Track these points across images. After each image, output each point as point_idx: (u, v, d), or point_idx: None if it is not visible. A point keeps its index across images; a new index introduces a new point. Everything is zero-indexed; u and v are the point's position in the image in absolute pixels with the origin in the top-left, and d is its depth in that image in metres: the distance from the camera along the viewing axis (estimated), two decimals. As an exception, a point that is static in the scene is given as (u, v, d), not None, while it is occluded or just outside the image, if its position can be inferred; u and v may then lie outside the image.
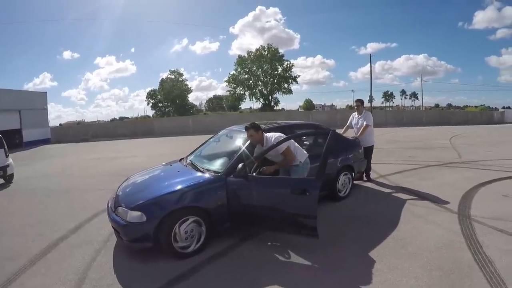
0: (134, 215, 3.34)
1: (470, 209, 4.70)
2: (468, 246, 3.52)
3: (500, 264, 3.10)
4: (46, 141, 23.71)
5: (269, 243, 3.82)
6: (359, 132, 6.33)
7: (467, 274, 2.97)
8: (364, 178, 6.64)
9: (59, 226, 4.61)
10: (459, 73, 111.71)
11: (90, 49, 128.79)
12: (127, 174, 5.38)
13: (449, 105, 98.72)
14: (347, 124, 6.80)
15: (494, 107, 62.29)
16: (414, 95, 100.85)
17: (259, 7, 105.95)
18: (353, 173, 5.70)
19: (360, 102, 6.71)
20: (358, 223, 4.35)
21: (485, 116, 37.40)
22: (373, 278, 2.98)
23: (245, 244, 3.81)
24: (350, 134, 6.50)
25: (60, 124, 58.18)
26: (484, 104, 74.31)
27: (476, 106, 69.53)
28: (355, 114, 6.65)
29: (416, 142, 13.72)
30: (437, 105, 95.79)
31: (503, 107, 59.75)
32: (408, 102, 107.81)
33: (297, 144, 4.26)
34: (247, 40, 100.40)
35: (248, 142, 4.16)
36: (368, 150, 6.43)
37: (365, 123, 6.31)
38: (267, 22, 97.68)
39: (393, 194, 5.71)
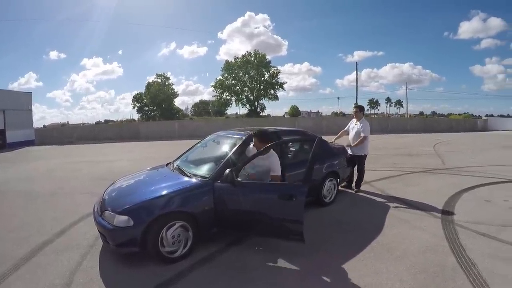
0: (121, 219, 3.30)
1: (454, 214, 4.83)
2: (451, 249, 3.61)
3: (483, 266, 3.20)
4: (30, 143, 23.10)
5: (256, 248, 3.83)
6: (355, 143, 6.14)
7: (451, 276, 3.04)
8: (353, 187, 6.40)
9: (44, 230, 4.52)
10: (443, 82, 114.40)
11: (77, 50, 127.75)
12: (112, 178, 5.33)
13: (434, 113, 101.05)
14: (344, 129, 6.54)
15: (477, 115, 63.57)
16: (399, 103, 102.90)
17: (248, 12, 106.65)
18: (338, 179, 5.74)
19: (359, 108, 6.40)
20: (343, 228, 4.41)
21: (469, 123, 38.09)
22: (359, 282, 3.02)
23: (232, 249, 3.81)
24: (345, 139, 6.53)
25: (44, 126, 57.12)
26: (467, 112, 75.51)
27: (460, 114, 70.73)
28: (354, 119, 6.37)
29: (401, 149, 13.96)
30: (421, 113, 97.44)
31: (487, 115, 61.07)
32: (393, 110, 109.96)
33: (276, 158, 4.16)
34: (235, 46, 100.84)
35: (236, 147, 4.21)
36: (362, 159, 6.23)
37: (362, 134, 6.05)
38: (255, 28, 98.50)
39: (378, 200, 5.79)
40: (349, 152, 6.26)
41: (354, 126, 6.31)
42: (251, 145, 4.30)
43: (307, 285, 3.03)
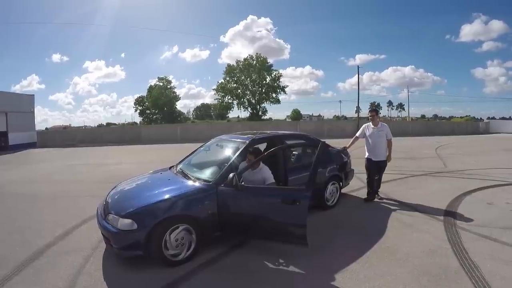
0: (125, 223, 3.32)
1: (456, 217, 4.82)
2: (454, 252, 3.62)
3: (485, 269, 3.21)
4: (32, 145, 23.19)
5: (259, 251, 3.83)
6: (389, 155, 5.86)
7: (454, 279, 3.05)
8: (377, 198, 6.03)
9: (46, 232, 4.53)
10: (445, 85, 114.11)
11: (79, 53, 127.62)
12: (115, 181, 5.34)
13: (435, 116, 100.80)
14: (357, 134, 6.13)
15: (479, 118, 63.29)
16: (400, 106, 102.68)
17: (250, 16, 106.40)
18: (341, 183, 5.74)
19: (374, 112, 6.02)
20: (346, 231, 4.41)
21: (471, 126, 38.11)
22: (362, 284, 3.02)
23: (235, 252, 3.82)
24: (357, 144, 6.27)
25: (46, 128, 57.32)
26: (469, 115, 75.55)
27: (461, 117, 70.87)
28: (369, 124, 5.96)
29: (403, 152, 13.92)
30: (423, 116, 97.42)
31: (488, 118, 60.82)
32: (394, 113, 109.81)
33: (267, 169, 4.29)
34: (237, 49, 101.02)
35: (239, 151, 4.25)
36: (383, 164, 5.92)
37: (389, 138, 5.80)
38: (258, 31, 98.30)
39: (380, 203, 5.80)
40: (372, 158, 5.88)
41: (373, 131, 5.85)
42: None
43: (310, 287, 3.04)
